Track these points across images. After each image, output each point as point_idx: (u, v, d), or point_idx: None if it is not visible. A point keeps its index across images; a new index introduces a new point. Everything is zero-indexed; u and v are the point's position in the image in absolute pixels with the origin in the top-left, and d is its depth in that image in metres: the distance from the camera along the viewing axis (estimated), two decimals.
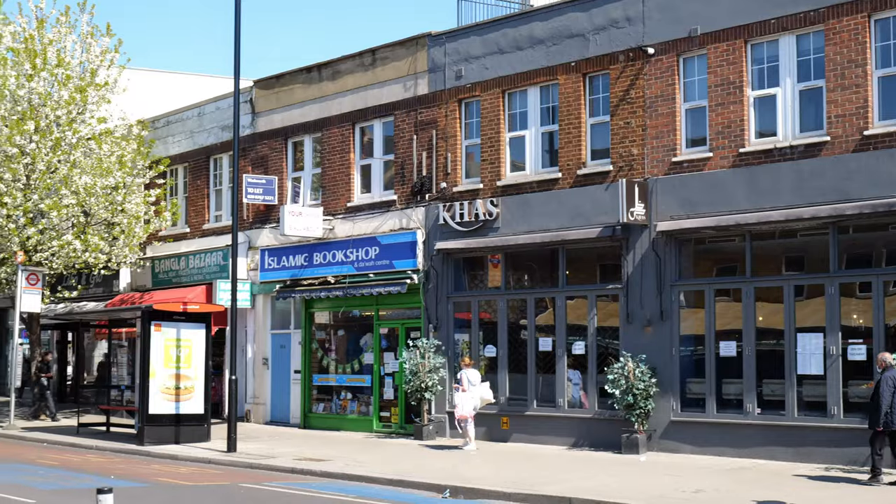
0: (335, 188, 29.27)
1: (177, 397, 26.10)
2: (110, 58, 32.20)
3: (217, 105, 33.41)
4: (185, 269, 33.79)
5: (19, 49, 31.04)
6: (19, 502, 16.45)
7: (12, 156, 29.93)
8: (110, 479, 19.29)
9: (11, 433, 29.42)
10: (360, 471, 20.43)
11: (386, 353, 28.22)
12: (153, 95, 37.10)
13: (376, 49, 28.65)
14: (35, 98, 30.74)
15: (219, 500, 17.61)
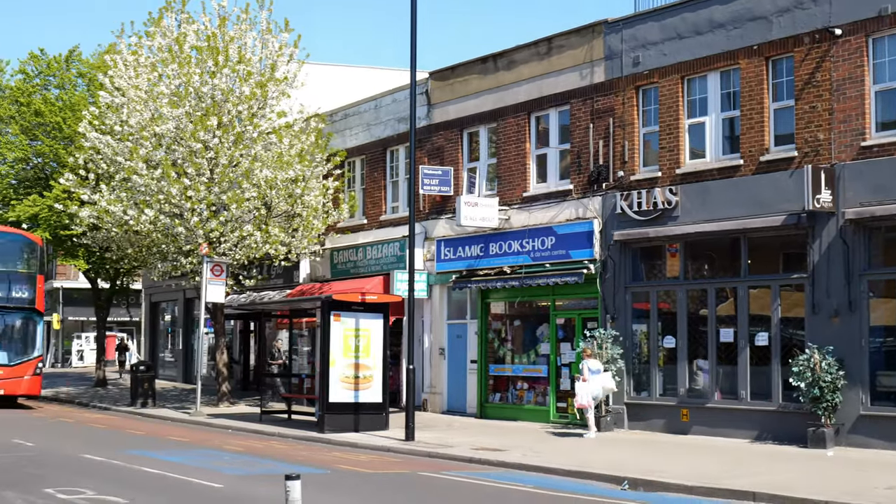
0: (511, 178, 29.20)
1: (356, 386, 26.42)
2: (289, 53, 32.78)
3: (393, 97, 33.72)
4: (362, 260, 34.23)
5: (202, 47, 31.86)
6: (209, 486, 16.87)
7: (196, 151, 30.77)
8: (293, 465, 19.65)
9: (198, 419, 30.30)
10: (537, 461, 20.32)
11: (562, 343, 28.02)
12: (331, 89, 37.63)
13: (552, 38, 28.46)
14: (218, 94, 31.52)
15: (399, 489, 17.73)
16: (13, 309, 35.55)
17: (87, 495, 15.32)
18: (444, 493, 17.46)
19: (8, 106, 42.57)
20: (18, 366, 35.04)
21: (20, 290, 35.42)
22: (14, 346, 35.74)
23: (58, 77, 43.90)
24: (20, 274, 36.17)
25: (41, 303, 36.08)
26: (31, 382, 35.25)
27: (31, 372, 35.12)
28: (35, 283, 35.98)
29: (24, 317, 35.81)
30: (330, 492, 16.13)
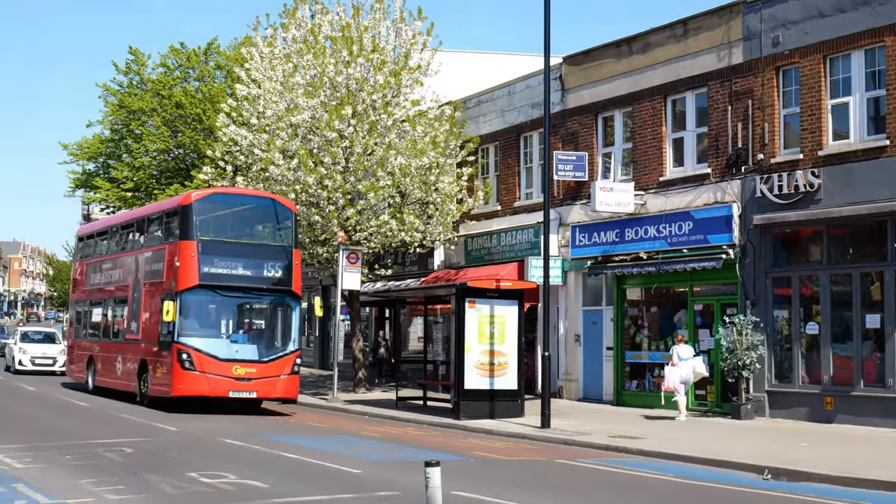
0: (646, 162, 28.80)
1: (491, 373, 26.37)
2: (422, 41, 32.85)
3: (527, 83, 33.55)
4: (496, 247, 34.17)
5: (337, 37, 32.13)
6: (348, 472, 17.00)
7: (332, 140, 31.06)
8: (430, 451, 19.69)
9: (335, 405, 30.64)
10: (676, 449, 20.01)
11: (701, 329, 27.55)
12: (464, 76, 37.60)
13: (688, 19, 27.96)
14: (352, 84, 31.76)
15: (536, 476, 17.62)
16: (264, 291, 28.58)
17: (229, 479, 15.56)
18: (582, 481, 17.30)
19: (150, 99, 43.65)
20: (273, 362, 27.84)
21: (272, 267, 28.49)
22: (266, 337, 29.02)
23: (197, 70, 44.89)
24: (271, 248, 29.08)
25: (297, 283, 28.85)
26: (288, 383, 27.99)
27: (288, 370, 27.99)
28: (289, 258, 28.72)
29: (277, 301, 28.69)
30: (467, 479, 16.10)
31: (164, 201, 34.93)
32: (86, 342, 35.52)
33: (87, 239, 37.71)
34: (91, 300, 35.44)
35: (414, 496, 13.95)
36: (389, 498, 14.43)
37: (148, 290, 29.47)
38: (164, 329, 27.42)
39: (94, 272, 35.32)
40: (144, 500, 13.69)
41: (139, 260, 30.69)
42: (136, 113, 44.41)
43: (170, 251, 28.23)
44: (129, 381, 30.31)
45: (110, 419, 25.77)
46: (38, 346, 45.66)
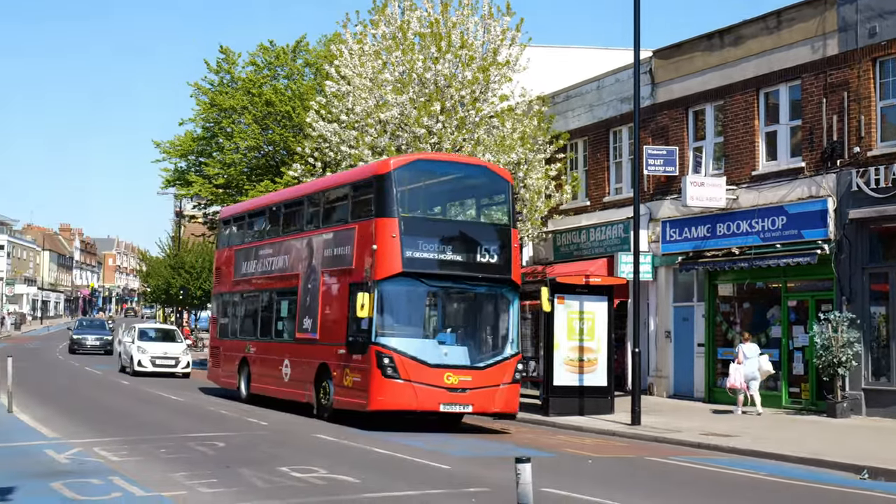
0: (738, 157, 28.40)
1: (580, 369, 26.23)
2: (511, 36, 32.76)
3: (616, 77, 33.29)
4: (585, 242, 33.97)
5: (426, 33, 32.17)
6: (437, 468, 16.99)
7: (420, 136, 31.10)
8: (519, 448, 19.61)
9: None
10: (769, 448, 19.70)
11: (794, 326, 27.11)
12: (552, 71, 37.42)
13: (781, 11, 27.52)
14: (441, 80, 31.76)
15: (626, 474, 17.47)
16: (479, 281, 23.27)
17: (320, 474, 15.64)
18: (674, 479, 17.09)
19: (241, 97, 44.06)
20: (491, 369, 22.68)
21: (487, 250, 23.29)
22: (481, 338, 24.01)
23: (286, 67, 45.19)
24: (486, 227, 24.26)
25: (517, 271, 23.67)
26: (508, 394, 22.83)
27: (509, 378, 22.76)
28: (507, 240, 23.56)
29: (493, 293, 23.50)
30: (557, 476, 16.00)
31: (349, 172, 28.22)
32: (236, 341, 30.95)
33: (235, 222, 33.37)
34: (243, 292, 30.97)
35: (504, 492, 13.89)
36: (479, 494, 14.37)
37: (327, 280, 24.82)
38: (355, 327, 22.72)
39: (246, 260, 30.72)
40: (236, 494, 13.79)
41: (314, 243, 25.77)
42: (226, 111, 44.86)
43: (361, 232, 23.23)
44: (300, 390, 25.68)
45: (209, 415, 26.09)
46: (158, 345, 42.24)
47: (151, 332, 44.14)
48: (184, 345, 42.68)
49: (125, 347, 43.61)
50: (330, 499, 13.71)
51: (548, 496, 13.84)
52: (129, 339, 43.41)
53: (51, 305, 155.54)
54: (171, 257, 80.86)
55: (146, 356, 41.14)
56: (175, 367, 41.27)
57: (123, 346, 44.19)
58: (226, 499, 13.45)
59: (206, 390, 33.53)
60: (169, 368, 41.15)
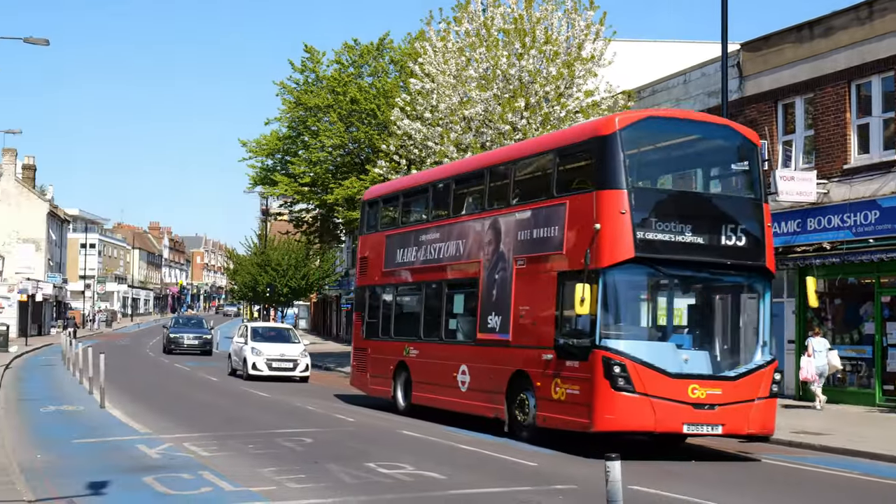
0: (829, 150, 27.88)
1: None
2: (595, 31, 32.55)
3: (702, 71, 32.89)
4: None
5: (509, 29, 32.11)
6: (524, 465, 16.93)
7: (505, 132, 31.04)
8: (610, 446, 19.45)
9: None
10: (863, 447, 19.32)
11: (888, 322, 26.54)
12: (637, 65, 37.11)
13: (873, 1, 26.95)
14: (525, 76, 31.67)
15: (717, 472, 17.25)
16: (728, 269, 18.85)
17: (407, 470, 15.66)
18: (766, 477, 16.80)
19: (326, 95, 44.39)
20: (744, 379, 18.31)
21: (735, 231, 18.61)
22: (729, 341, 19.46)
23: (371, 65, 45.41)
24: (734, 201, 19.48)
25: (770, 256, 18.93)
26: (764, 411, 18.42)
27: (765, 391, 18.43)
28: (758, 218, 19.06)
29: (742, 284, 19.18)
30: (646, 474, 15.84)
31: (551, 135, 24.21)
32: (390, 343, 26.48)
33: (385, 203, 28.61)
34: (399, 285, 26.70)
35: (592, 490, 13.81)
36: (567, 491, 14.28)
37: (523, 269, 20.32)
38: (569, 326, 18.78)
39: (402, 247, 26.18)
40: (324, 490, 13.86)
41: (502, 225, 21.29)
42: (312, 109, 45.23)
43: (574, 208, 18.82)
44: (485, 403, 21.39)
45: (293, 410, 26.28)
46: (273, 346, 38.02)
47: (266, 332, 40.14)
48: (301, 345, 39.15)
49: (237, 349, 39.42)
50: (417, 495, 13.72)
51: (637, 494, 13.70)
52: (241, 340, 39.19)
53: (140, 303, 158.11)
54: (257, 255, 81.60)
55: (261, 358, 37.26)
56: (293, 370, 37.34)
57: (234, 347, 40.04)
58: (314, 494, 13.51)
59: (347, 398, 29.56)
60: (286, 372, 37.26)
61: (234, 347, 40.04)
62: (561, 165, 20.03)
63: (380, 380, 26.71)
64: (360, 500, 13.12)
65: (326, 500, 13.13)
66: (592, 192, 18.35)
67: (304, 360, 37.55)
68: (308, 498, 13.24)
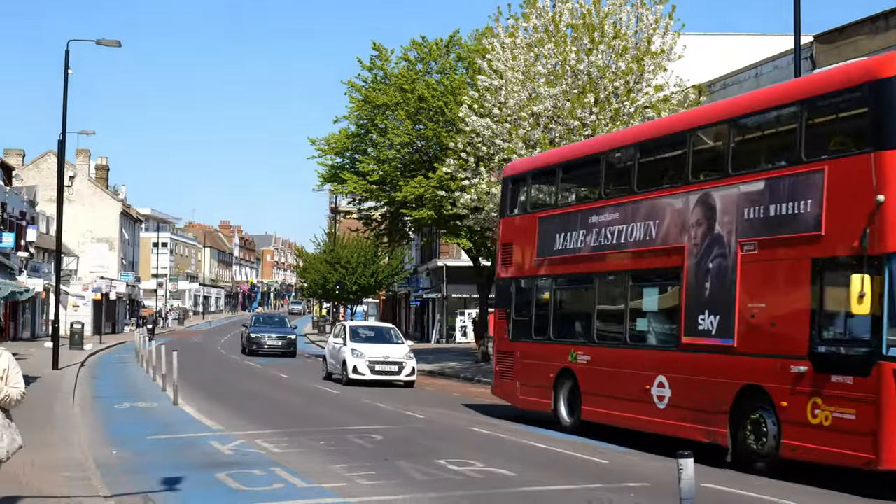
0: None
1: None
2: (664, 25, 32.25)
3: (775, 64, 32.46)
4: None
5: (578, 25, 31.93)
6: (593, 461, 16.85)
7: (574, 128, 30.87)
8: (679, 441, 19.26)
9: None
10: None
11: None
12: (708, 59, 36.71)
13: None
14: (594, 71, 31.47)
15: (798, 472, 17.00)
16: None
17: (477, 467, 15.65)
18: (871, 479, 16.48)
19: (394, 93, 44.45)
20: None
21: None
22: None
23: (439, 62, 45.42)
24: None
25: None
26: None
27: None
28: None
29: None
30: (719, 472, 15.67)
31: (792, 83, 19.51)
32: (548, 345, 22.33)
33: (536, 179, 24.62)
34: (559, 277, 22.51)
35: (663, 488, 13.69)
36: (639, 489, 14.18)
37: (757, 256, 16.60)
38: (837, 330, 15.02)
39: (563, 230, 21.94)
40: (394, 486, 13.90)
41: (719, 200, 17.44)
42: (380, 107, 45.35)
43: (838, 174, 15.08)
44: (695, 424, 17.52)
45: (363, 408, 26.39)
46: (376, 347, 34.47)
47: (366, 332, 36.75)
48: (406, 346, 35.54)
49: (333, 351, 35.97)
50: (487, 492, 13.71)
51: (709, 492, 13.55)
52: (338, 341, 35.54)
53: (212, 301, 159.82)
54: (326, 253, 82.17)
55: (363, 361, 33.55)
56: (398, 373, 33.73)
57: (330, 349, 36.60)
58: (384, 491, 13.56)
59: (481, 409, 25.99)
60: (391, 376, 33.62)
61: (329, 349, 36.85)
62: (811, 120, 16.10)
63: (534, 390, 22.62)
64: (430, 497, 13.15)
65: (397, 496, 13.17)
66: (868, 154, 14.51)
67: (410, 363, 33.85)
68: (379, 494, 13.29)
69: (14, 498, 11.92)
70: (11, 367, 8.80)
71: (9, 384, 8.66)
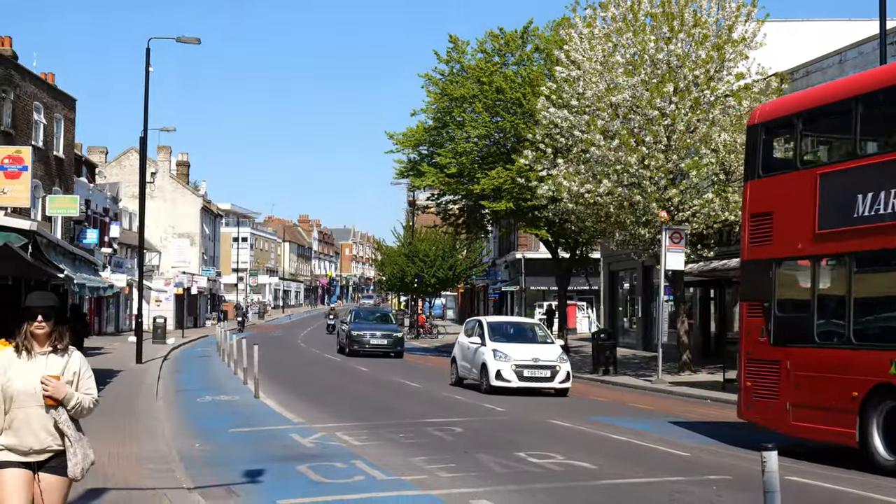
0: None
1: None
2: (746, 12, 31.84)
3: (859, 50, 31.86)
4: None
5: (657, 13, 31.64)
6: (673, 454, 16.68)
7: (653, 118, 30.61)
8: (758, 435, 19.00)
9: (659, 387, 30.24)
10: None
11: None
12: (790, 46, 36.17)
13: None
14: (673, 60, 31.17)
15: None
16: None
17: (557, 460, 15.58)
18: None
19: (471, 85, 44.41)
20: None
21: None
22: None
23: (515, 54, 45.28)
24: None
25: None
26: None
27: None
28: None
29: None
30: (799, 464, 15.43)
31: None
32: (845, 352, 16.13)
33: (809, 123, 18.40)
34: (862, 255, 16.18)
35: (746, 481, 13.54)
36: (720, 482, 14.00)
37: None
38: None
39: (868, 190, 15.83)
40: (474, 479, 13.86)
41: None
42: (457, 100, 45.32)
43: None
44: None
45: (442, 400, 26.41)
46: (521, 348, 28.81)
47: (508, 329, 31.09)
48: (557, 346, 30.07)
49: (466, 351, 30.47)
50: (567, 485, 13.62)
51: (792, 485, 13.34)
52: (473, 340, 29.80)
53: (291, 295, 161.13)
54: (405, 246, 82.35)
55: (507, 364, 27.98)
56: (550, 379, 28.04)
57: (463, 349, 30.92)
58: (464, 483, 13.53)
59: (717, 433, 19.64)
60: (542, 383, 27.99)
61: (461, 350, 31.10)
62: None
63: (822, 414, 16.45)
64: (510, 490, 13.10)
65: (477, 489, 13.13)
66: None
67: (565, 367, 28.17)
68: (458, 487, 13.26)
69: (100, 490, 12.08)
70: (83, 370, 7.60)
71: (80, 390, 7.48)
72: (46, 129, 47.39)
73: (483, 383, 28.39)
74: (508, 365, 27.89)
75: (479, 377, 28.88)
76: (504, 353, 28.22)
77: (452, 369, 31.83)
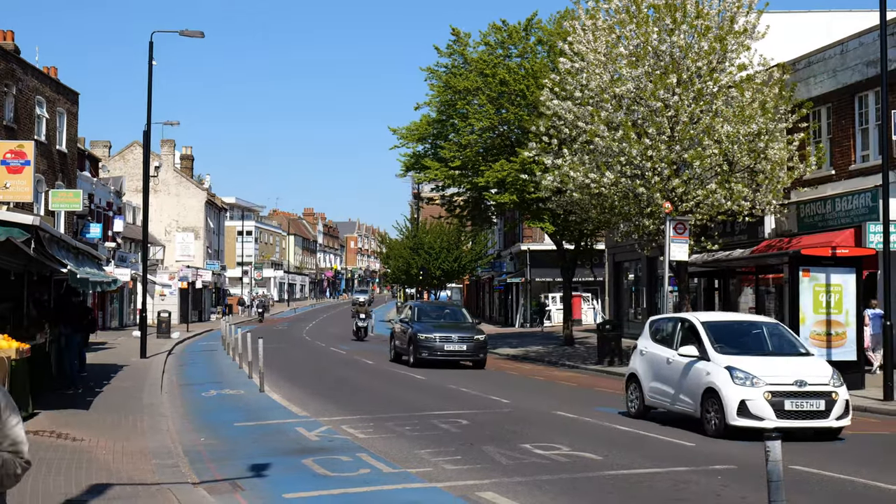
0: None
1: (827, 344, 25.31)
2: (748, 3, 31.80)
3: (860, 40, 31.85)
4: (830, 213, 32.71)
5: (660, 5, 31.59)
6: (681, 445, 16.74)
7: (656, 110, 30.58)
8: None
9: None
10: None
11: None
12: (792, 37, 36.16)
13: None
14: (676, 51, 31.12)
15: (881, 451, 16.76)
16: None
17: (562, 451, 15.63)
18: None
19: (475, 78, 44.37)
20: None
21: None
22: None
23: (519, 46, 45.24)
24: None
25: None
26: None
27: None
28: None
29: None
30: (806, 453, 15.47)
31: None
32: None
33: None
34: None
35: (751, 470, 13.58)
36: (725, 472, 14.05)
37: None
38: None
39: None
40: (480, 471, 13.91)
41: None
42: (461, 93, 45.29)
43: None
44: None
45: (448, 393, 26.45)
46: (771, 363, 18.26)
47: (739, 334, 20.04)
48: (824, 360, 19.91)
49: (671, 370, 19.63)
50: (573, 475, 13.66)
51: (797, 473, 13.40)
52: (689, 352, 18.99)
53: (296, 288, 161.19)
54: (409, 239, 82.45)
55: (758, 393, 17.53)
56: (825, 415, 17.56)
57: (656, 362, 20.41)
58: (470, 475, 13.58)
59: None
60: (814, 420, 17.56)
61: (654, 363, 20.62)
62: None
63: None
64: (516, 481, 13.14)
65: (482, 480, 13.18)
66: None
67: (842, 393, 17.78)
68: (464, 479, 13.32)
69: (105, 485, 12.14)
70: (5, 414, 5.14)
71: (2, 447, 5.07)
72: (49, 123, 47.44)
73: (714, 422, 17.95)
74: (759, 393, 17.47)
75: (695, 408, 18.62)
76: (751, 374, 17.74)
77: (634, 393, 21.32)
